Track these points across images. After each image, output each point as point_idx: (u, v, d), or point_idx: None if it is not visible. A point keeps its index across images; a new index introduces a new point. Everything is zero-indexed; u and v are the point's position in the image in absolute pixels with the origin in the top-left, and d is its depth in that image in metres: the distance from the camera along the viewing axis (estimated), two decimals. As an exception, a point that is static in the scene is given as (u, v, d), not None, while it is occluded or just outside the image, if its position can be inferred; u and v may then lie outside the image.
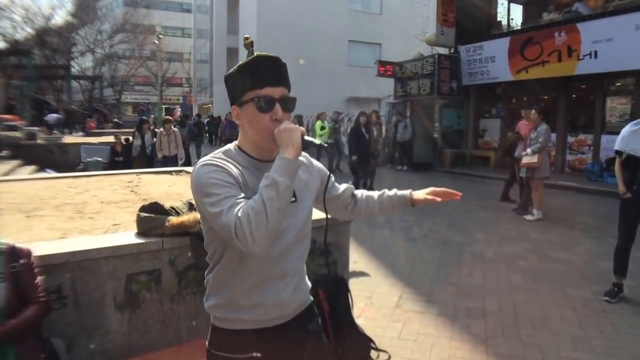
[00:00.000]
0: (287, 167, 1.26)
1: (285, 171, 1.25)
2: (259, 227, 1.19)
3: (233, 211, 1.23)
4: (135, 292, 2.57)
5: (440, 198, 1.70)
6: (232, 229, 1.21)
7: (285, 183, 1.24)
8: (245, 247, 1.21)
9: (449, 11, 13.66)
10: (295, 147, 1.29)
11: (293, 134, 1.30)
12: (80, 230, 2.95)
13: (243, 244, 1.20)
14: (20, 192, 4.19)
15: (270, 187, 1.22)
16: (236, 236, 1.20)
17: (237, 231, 1.20)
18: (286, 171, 1.25)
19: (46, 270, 2.27)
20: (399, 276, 4.72)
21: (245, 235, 1.19)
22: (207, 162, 1.36)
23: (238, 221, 1.20)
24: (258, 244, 1.20)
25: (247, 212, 1.21)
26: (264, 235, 1.20)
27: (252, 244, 1.20)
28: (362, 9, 28.30)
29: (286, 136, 1.30)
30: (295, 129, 1.32)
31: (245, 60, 1.42)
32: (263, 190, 1.23)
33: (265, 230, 1.20)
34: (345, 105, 25.53)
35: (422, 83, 14.16)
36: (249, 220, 1.19)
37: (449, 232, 6.52)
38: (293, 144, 1.29)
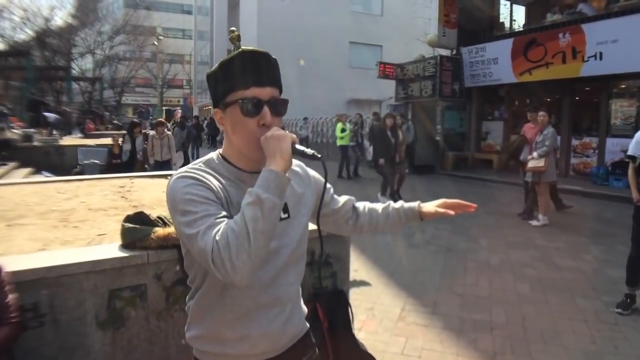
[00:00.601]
0: (274, 181, 1.06)
1: (272, 187, 1.05)
2: (240, 253, 1.00)
3: (210, 233, 1.04)
4: (118, 309, 2.39)
5: (453, 211, 1.51)
6: (208, 255, 1.02)
7: (271, 201, 1.04)
8: (224, 276, 1.02)
9: (451, 12, 13.49)
10: (284, 159, 1.10)
11: (282, 142, 1.11)
12: (62, 241, 2.77)
13: (221, 273, 1.02)
14: (7, 198, 4.01)
15: (254, 205, 1.03)
16: (213, 263, 1.02)
17: (214, 257, 1.01)
18: (273, 187, 1.06)
19: (21, 287, 2.09)
20: (401, 286, 4.54)
21: (224, 262, 1.00)
22: (183, 174, 1.17)
23: (215, 246, 1.02)
24: (239, 273, 1.01)
25: (226, 235, 1.02)
26: (245, 262, 1.00)
27: (232, 273, 1.01)
28: (363, 10, 28.19)
29: (273, 145, 1.11)
30: (285, 135, 1.13)
31: (229, 56, 1.22)
32: (245, 209, 1.04)
33: (247, 257, 1.00)
34: (346, 107, 25.38)
35: (423, 85, 13.99)
36: (227, 245, 1.00)
37: (453, 238, 6.33)
38: (282, 154, 1.10)
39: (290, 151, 1.11)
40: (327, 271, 3.11)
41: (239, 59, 1.20)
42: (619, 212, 8.31)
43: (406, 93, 15.00)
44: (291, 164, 1.13)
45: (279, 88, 1.26)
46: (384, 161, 8.56)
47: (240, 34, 1.31)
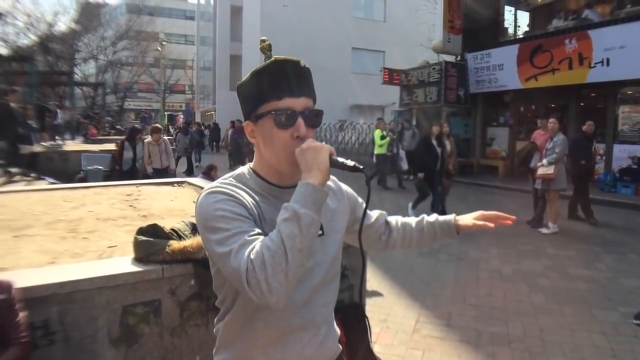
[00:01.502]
0: (311, 195, 0.99)
1: (309, 201, 0.98)
2: (277, 274, 0.93)
3: (244, 252, 0.97)
4: (131, 325, 2.30)
5: (493, 223, 1.44)
6: (242, 275, 0.95)
7: (309, 216, 0.97)
8: (259, 298, 0.95)
9: (455, 18, 13.47)
10: (321, 171, 1.03)
11: (319, 154, 1.04)
12: (72, 253, 2.69)
13: (256, 294, 0.94)
14: (12, 207, 3.93)
15: (291, 221, 0.96)
16: (248, 284, 0.95)
17: (249, 278, 0.95)
18: (311, 201, 0.99)
19: (31, 304, 2.01)
20: (414, 296, 4.44)
21: (260, 283, 0.93)
22: (214, 190, 1.11)
23: (250, 265, 0.95)
24: (275, 295, 0.94)
25: (261, 253, 0.95)
26: (283, 283, 0.94)
27: (268, 295, 0.94)
28: (366, 16, 28.23)
29: (310, 157, 1.04)
30: (322, 147, 1.06)
31: (260, 66, 1.16)
32: (282, 226, 0.97)
33: (284, 277, 0.94)
34: (348, 113, 25.39)
35: (428, 91, 13.94)
36: (263, 264, 0.94)
37: (463, 247, 6.23)
38: (319, 166, 1.03)
39: (328, 163, 1.05)
40: (344, 284, 3.03)
41: (271, 68, 1.14)
42: (629, 220, 8.23)
43: (410, 99, 14.95)
44: (329, 177, 1.07)
45: (312, 98, 1.19)
46: (423, 176, 7.58)
47: (271, 44, 1.24)
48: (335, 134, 19.60)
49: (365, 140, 17.46)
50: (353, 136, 18.53)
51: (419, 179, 7.66)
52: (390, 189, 11.74)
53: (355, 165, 1.08)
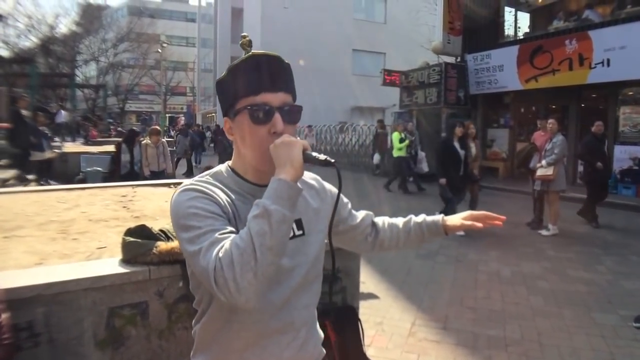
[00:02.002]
0: (284, 192, 0.96)
1: (281, 197, 0.95)
2: (245, 272, 0.89)
3: (213, 250, 0.94)
4: (118, 327, 2.26)
5: (481, 224, 1.39)
6: (210, 274, 0.92)
7: (280, 213, 0.93)
8: (227, 297, 0.91)
9: (455, 19, 13.42)
10: (294, 167, 1.00)
11: (292, 150, 1.01)
12: (60, 254, 2.65)
13: (225, 294, 0.91)
14: (6, 207, 3.90)
15: (261, 218, 0.93)
16: (216, 283, 0.91)
17: (216, 277, 0.91)
18: (283, 197, 0.95)
19: (15, 305, 1.97)
20: (411, 299, 4.40)
21: (227, 282, 0.90)
22: (188, 187, 1.08)
23: (218, 263, 0.91)
24: (244, 294, 0.90)
25: (230, 251, 0.91)
26: (251, 282, 0.90)
27: (236, 294, 0.90)
28: (367, 18, 28.26)
29: (283, 152, 1.01)
30: (295, 142, 1.02)
31: (236, 61, 1.12)
32: (251, 223, 0.93)
33: (253, 276, 0.90)
34: (349, 115, 25.39)
35: (428, 92, 13.89)
36: (231, 263, 0.90)
37: (461, 249, 6.18)
38: (292, 162, 1.00)
39: (302, 158, 1.01)
40: (337, 286, 2.98)
41: (248, 63, 1.10)
42: (630, 221, 8.17)
43: (410, 100, 14.91)
44: (302, 172, 1.03)
45: (292, 94, 1.15)
46: (445, 181, 6.89)
47: (251, 40, 1.21)
48: (335, 135, 19.57)
49: (365, 142, 17.44)
50: (353, 138, 18.51)
51: (441, 186, 6.98)
52: (412, 193, 11.33)
53: (327, 159, 1.05)
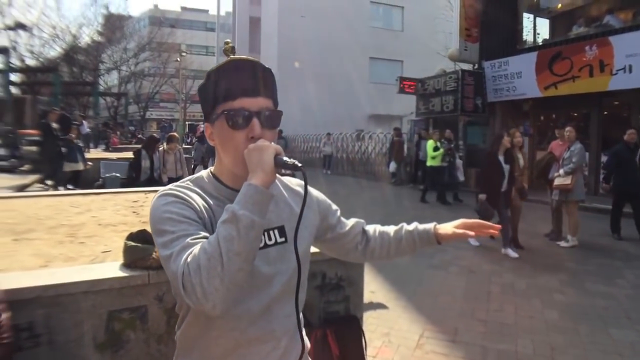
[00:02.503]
0: (252, 197, 0.94)
1: (250, 203, 0.93)
2: (212, 278, 0.88)
3: (183, 255, 0.93)
4: (117, 331, 2.27)
5: (474, 232, 1.34)
6: (179, 279, 0.91)
7: (249, 218, 0.91)
8: (194, 302, 0.90)
9: (472, 26, 13.30)
10: (265, 172, 0.98)
11: (263, 154, 0.99)
12: (66, 257, 2.68)
13: (192, 299, 0.90)
14: (20, 211, 3.98)
15: (229, 223, 0.91)
16: (184, 288, 0.90)
17: (184, 282, 0.90)
18: (252, 202, 0.93)
19: (16, 306, 1.99)
20: (420, 310, 4.31)
21: (194, 287, 0.88)
22: (165, 192, 1.08)
23: (186, 268, 0.90)
24: (211, 300, 0.89)
25: (198, 256, 0.90)
26: (218, 288, 0.88)
27: (203, 299, 0.89)
28: (384, 26, 28.26)
29: (255, 157, 1.00)
30: (267, 147, 1.00)
31: (215, 66, 1.13)
32: (220, 228, 0.92)
33: (220, 282, 0.88)
34: (366, 123, 25.33)
35: (445, 100, 13.77)
36: (198, 268, 0.89)
37: (475, 260, 6.06)
38: (263, 167, 0.98)
39: (272, 163, 0.99)
40: (339, 295, 2.94)
41: (227, 68, 1.10)
42: (654, 233, 7.88)
43: (427, 108, 14.80)
44: (274, 177, 1.01)
45: (272, 99, 1.15)
46: (485, 197, 6.13)
47: (234, 46, 1.22)
48: (352, 143, 19.53)
49: (382, 150, 17.36)
50: (369, 146, 18.44)
51: (481, 201, 6.19)
52: (450, 204, 10.75)
53: (295, 163, 1.02)
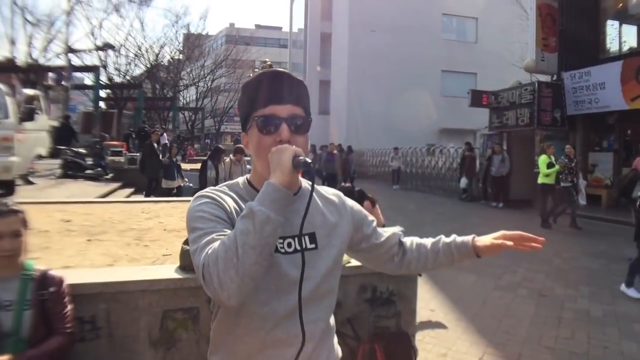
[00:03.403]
0: (270, 194, 0.99)
1: (267, 199, 0.98)
2: (228, 269, 0.92)
3: (206, 249, 0.98)
4: (171, 329, 2.38)
5: (514, 244, 1.28)
6: (200, 270, 0.97)
7: (264, 214, 0.95)
8: (212, 293, 0.95)
9: (549, 35, 12.57)
10: (282, 171, 1.02)
11: (282, 155, 1.04)
12: (130, 258, 2.87)
13: (210, 289, 0.95)
14: (97, 215, 4.33)
15: (246, 218, 0.96)
16: (203, 279, 0.96)
17: (204, 273, 0.95)
18: (269, 199, 0.98)
19: (81, 299, 2.17)
20: (482, 332, 4.09)
21: (212, 277, 0.93)
22: (202, 194, 1.16)
23: (207, 260, 0.96)
24: (226, 290, 0.93)
25: (217, 249, 0.95)
26: (233, 278, 0.92)
27: (219, 290, 0.93)
28: (457, 38, 27.61)
29: (275, 158, 1.04)
30: (286, 148, 1.05)
31: (248, 79, 1.21)
32: (238, 223, 0.97)
33: (235, 273, 0.92)
34: (437, 137, 24.74)
35: (520, 113, 13.09)
36: (217, 259, 0.94)
37: (548, 283, 5.65)
38: (280, 167, 1.02)
39: (290, 164, 1.03)
40: (390, 310, 2.88)
41: (258, 79, 1.18)
42: None
43: (501, 122, 14.16)
44: (292, 177, 1.04)
45: (302, 106, 1.19)
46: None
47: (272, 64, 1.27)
48: (421, 158, 19.12)
49: (452, 165, 16.83)
50: (440, 161, 17.93)
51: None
52: (581, 229, 9.19)
53: (306, 161, 1.04)
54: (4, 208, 1.83)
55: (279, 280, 1.10)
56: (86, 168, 11.57)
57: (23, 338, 1.83)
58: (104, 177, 11.58)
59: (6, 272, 1.86)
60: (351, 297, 2.81)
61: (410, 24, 25.46)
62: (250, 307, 1.10)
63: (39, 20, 18.95)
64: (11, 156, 6.65)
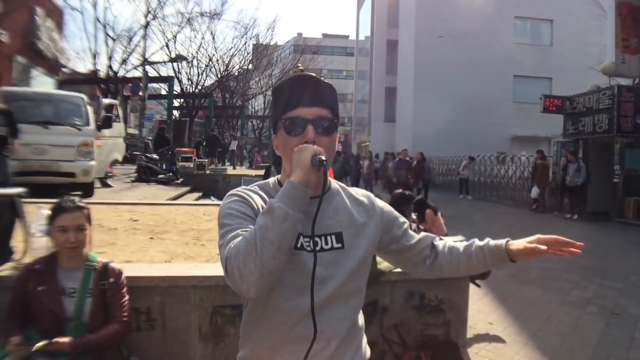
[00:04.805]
0: (289, 191, 1.03)
1: (286, 196, 1.02)
2: (247, 262, 0.98)
3: (231, 243, 1.04)
4: (220, 325, 2.50)
5: (549, 248, 1.22)
6: (224, 263, 1.03)
7: (282, 210, 1.00)
8: (233, 284, 1.02)
9: (630, 36, 11.61)
10: (302, 169, 1.05)
11: (302, 154, 1.07)
12: (187, 256, 3.04)
13: (231, 281, 1.02)
14: (161, 215, 4.61)
15: (266, 214, 1.01)
16: (226, 271, 1.02)
17: (227, 265, 1.02)
18: (287, 196, 1.02)
19: (138, 291, 2.33)
20: (543, 349, 3.85)
21: (234, 270, 1.00)
22: (232, 192, 1.22)
23: (230, 252, 1.02)
24: (245, 283, 0.99)
25: (239, 243, 1.01)
26: (252, 272, 0.97)
27: (239, 281, 0.99)
28: (531, 41, 26.36)
29: (296, 157, 1.09)
30: (307, 147, 1.09)
31: (277, 83, 1.29)
32: (259, 218, 1.02)
33: (254, 266, 0.97)
34: (509, 145, 23.70)
35: (597, 119, 12.20)
36: (238, 252, 1.00)
37: (621, 300, 5.20)
38: (300, 165, 1.06)
39: (309, 162, 1.06)
40: (439, 319, 2.81)
41: (287, 84, 1.23)
42: None
43: (576, 128, 13.29)
44: (311, 175, 1.06)
45: (330, 109, 1.23)
46: None
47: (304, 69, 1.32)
48: (490, 166, 18.36)
49: (523, 174, 16.01)
50: (510, 169, 17.11)
51: None
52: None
53: (320, 159, 1.06)
54: (70, 204, 2.03)
55: (304, 277, 1.12)
56: (159, 173, 12.34)
57: (83, 323, 2.00)
58: (175, 181, 12.27)
59: (72, 262, 2.06)
60: (398, 303, 2.78)
61: (479, 28, 24.67)
62: (275, 301, 1.14)
63: (119, 35, 20.50)
64: (90, 160, 7.27)
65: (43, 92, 9.38)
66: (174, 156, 13.50)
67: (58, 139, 7.03)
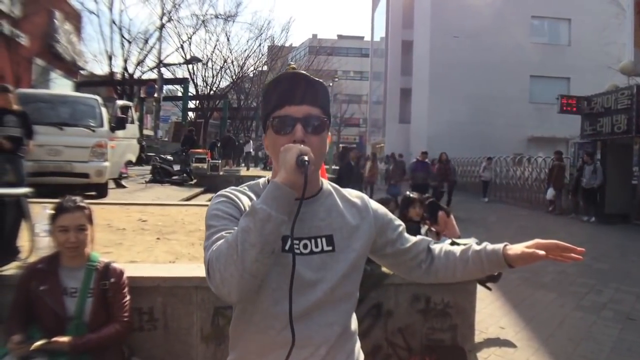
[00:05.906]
0: (272, 192, 0.99)
1: (269, 198, 0.99)
2: (229, 265, 0.95)
3: (214, 245, 1.02)
4: (221, 326, 2.49)
5: (548, 254, 1.17)
6: (206, 266, 1.01)
7: (265, 212, 0.96)
8: (214, 288, 0.99)
9: (650, 34, 11.34)
10: (286, 170, 1.01)
11: (287, 154, 1.03)
12: (191, 256, 3.04)
13: (213, 285, 0.99)
14: (170, 216, 4.64)
15: (248, 215, 0.98)
16: (208, 274, 1.00)
17: (209, 268, 0.99)
18: (271, 198, 0.98)
19: (141, 292, 2.34)
20: (555, 354, 3.76)
21: (215, 273, 0.97)
22: (220, 193, 1.20)
23: (212, 255, 0.99)
24: (227, 286, 0.96)
25: (221, 245, 0.99)
26: (233, 275, 0.95)
27: (220, 285, 0.97)
28: (549, 41, 25.93)
29: (282, 157, 1.04)
30: (292, 147, 1.04)
31: (267, 82, 1.26)
32: (241, 220, 0.99)
33: (235, 269, 0.94)
34: (525, 146, 23.37)
35: (616, 119, 11.94)
36: (220, 255, 0.97)
37: (638, 305, 5.05)
38: (285, 165, 1.02)
39: (294, 163, 1.01)
40: (445, 323, 2.76)
41: (275, 82, 1.20)
42: None
43: (594, 129, 13.02)
44: (296, 176, 1.02)
45: (319, 107, 1.18)
46: None
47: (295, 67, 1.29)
48: (505, 167, 18.11)
49: (540, 176, 15.75)
50: (526, 171, 16.84)
51: None
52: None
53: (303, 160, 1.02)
54: (70, 204, 2.04)
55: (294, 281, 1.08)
56: (173, 174, 12.46)
57: (84, 323, 2.01)
58: (189, 182, 12.38)
59: (73, 262, 2.07)
60: (403, 306, 2.74)
61: (495, 28, 24.38)
62: (263, 305, 1.12)
63: (134, 38, 20.73)
64: (104, 161, 7.38)
65: (58, 94, 9.59)
66: (188, 157, 13.63)
67: (72, 140, 7.15)
